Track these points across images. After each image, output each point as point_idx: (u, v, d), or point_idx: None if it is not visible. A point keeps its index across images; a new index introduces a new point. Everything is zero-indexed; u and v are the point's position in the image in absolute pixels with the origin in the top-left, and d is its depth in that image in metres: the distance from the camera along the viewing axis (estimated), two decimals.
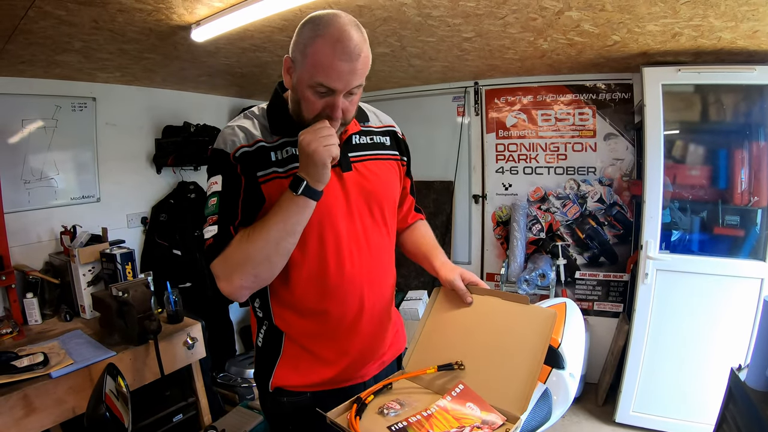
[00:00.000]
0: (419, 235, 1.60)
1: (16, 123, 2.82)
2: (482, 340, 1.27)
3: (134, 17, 2.05)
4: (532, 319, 1.22)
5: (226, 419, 2.75)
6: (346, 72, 1.13)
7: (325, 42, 1.11)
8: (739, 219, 3.00)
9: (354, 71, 1.14)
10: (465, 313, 1.34)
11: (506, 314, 1.27)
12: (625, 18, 2.25)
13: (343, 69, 1.12)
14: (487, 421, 1.11)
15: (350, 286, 1.32)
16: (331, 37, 1.11)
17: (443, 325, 1.37)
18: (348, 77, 1.14)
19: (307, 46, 1.14)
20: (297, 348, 1.35)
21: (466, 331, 1.30)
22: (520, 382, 1.15)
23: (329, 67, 1.11)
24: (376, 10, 2.15)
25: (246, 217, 1.21)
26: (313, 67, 1.13)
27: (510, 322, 1.25)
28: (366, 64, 1.17)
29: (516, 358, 1.19)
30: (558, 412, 1.56)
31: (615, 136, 3.57)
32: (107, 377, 1.35)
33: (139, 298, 2.26)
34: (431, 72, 3.59)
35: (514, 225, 3.76)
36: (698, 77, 2.86)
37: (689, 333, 2.94)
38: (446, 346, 1.31)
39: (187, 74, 3.24)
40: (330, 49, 1.11)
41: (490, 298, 1.32)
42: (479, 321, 1.30)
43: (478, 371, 1.23)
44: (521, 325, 1.22)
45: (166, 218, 3.53)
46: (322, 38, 1.11)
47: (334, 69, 1.11)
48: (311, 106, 1.19)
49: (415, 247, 1.56)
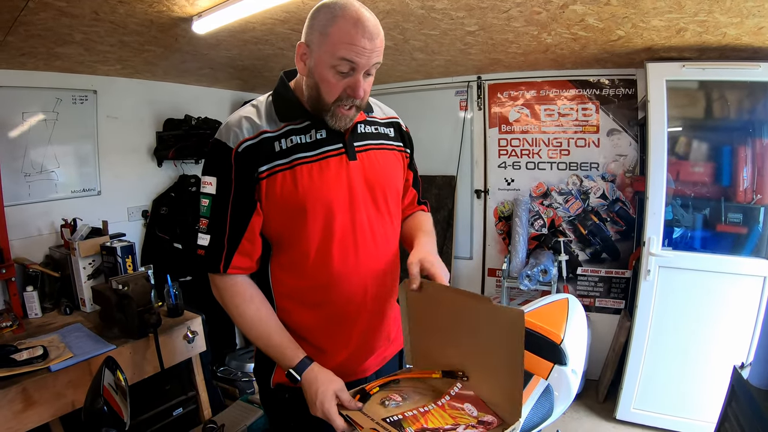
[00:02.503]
0: (415, 222, 1.57)
1: (16, 116, 2.81)
2: (468, 343, 1.23)
3: (135, 9, 2.03)
4: (503, 322, 1.11)
5: (226, 413, 2.75)
6: (369, 49, 1.15)
7: (346, 21, 1.13)
8: (741, 216, 2.99)
9: (375, 49, 1.17)
10: (439, 311, 1.27)
11: (478, 316, 1.18)
12: (629, 12, 2.23)
13: (366, 45, 1.14)
14: (483, 422, 1.11)
15: (354, 277, 1.31)
16: (351, 17, 1.14)
17: (425, 323, 1.32)
18: (370, 54, 1.16)
19: (326, 27, 1.15)
20: (299, 342, 1.33)
21: (450, 333, 1.26)
22: (507, 390, 1.13)
23: (352, 43, 1.13)
24: (379, 2, 2.14)
25: (234, 228, 1.25)
26: (334, 45, 1.15)
27: (484, 324, 1.17)
28: (382, 47, 1.21)
29: (499, 365, 1.15)
30: (560, 409, 1.55)
31: (618, 132, 3.55)
32: (105, 370, 1.34)
33: (139, 292, 2.25)
34: (434, 66, 3.57)
35: (516, 220, 3.74)
36: (703, 73, 2.84)
37: (691, 330, 2.93)
38: (438, 347, 1.30)
39: (188, 67, 3.22)
40: (352, 27, 1.13)
41: (457, 296, 1.22)
42: (456, 322, 1.24)
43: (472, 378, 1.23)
44: (495, 329, 1.14)
45: (166, 211, 3.52)
46: (343, 18, 1.14)
47: (358, 44, 1.14)
48: (332, 88, 1.20)
49: (408, 233, 1.53)
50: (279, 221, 1.26)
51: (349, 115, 1.26)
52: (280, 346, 1.26)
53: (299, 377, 1.22)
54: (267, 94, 1.37)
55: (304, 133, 1.28)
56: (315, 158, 1.26)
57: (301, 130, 1.28)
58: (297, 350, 1.25)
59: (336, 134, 1.30)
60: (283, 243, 1.30)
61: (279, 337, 1.27)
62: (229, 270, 1.25)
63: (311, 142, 1.27)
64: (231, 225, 1.24)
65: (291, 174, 1.23)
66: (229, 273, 1.26)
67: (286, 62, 1.18)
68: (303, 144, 1.26)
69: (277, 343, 1.27)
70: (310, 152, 1.26)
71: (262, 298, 1.31)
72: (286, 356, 1.25)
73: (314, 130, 1.29)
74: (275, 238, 1.30)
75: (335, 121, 1.25)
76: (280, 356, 1.26)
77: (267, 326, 1.28)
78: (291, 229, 1.26)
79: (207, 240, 1.26)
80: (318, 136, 1.29)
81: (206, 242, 1.26)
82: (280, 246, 1.31)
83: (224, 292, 1.28)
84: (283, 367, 1.26)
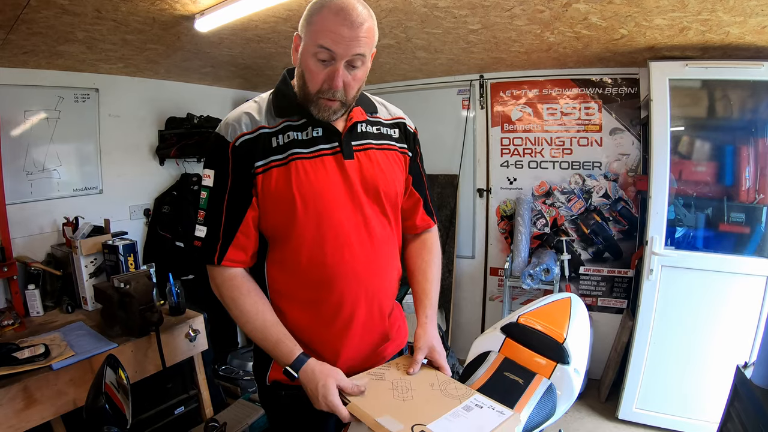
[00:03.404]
0: (422, 258, 1.56)
1: (18, 114, 2.81)
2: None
3: (137, 7, 2.04)
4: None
5: (227, 412, 2.75)
6: (347, 38, 1.15)
7: (330, 10, 1.15)
8: (744, 216, 2.98)
9: (355, 38, 1.16)
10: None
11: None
12: (633, 11, 2.22)
13: (344, 33, 1.15)
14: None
15: (349, 276, 1.30)
16: (336, 6, 1.15)
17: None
18: (349, 43, 1.16)
19: (313, 15, 1.18)
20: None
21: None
22: None
23: (331, 31, 1.15)
24: (382, 1, 2.14)
25: (230, 221, 1.26)
26: (315, 33, 1.17)
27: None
28: (369, 36, 1.20)
29: None
30: (562, 408, 1.54)
31: (621, 131, 3.54)
32: (107, 368, 1.34)
33: (141, 290, 2.24)
34: (436, 64, 3.56)
35: (518, 219, 3.74)
36: (706, 72, 2.83)
37: (693, 330, 2.92)
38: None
39: (190, 65, 3.23)
40: (333, 15, 1.14)
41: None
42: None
43: None
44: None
45: (168, 210, 3.52)
46: (327, 8, 1.16)
47: (336, 32, 1.15)
48: (314, 76, 1.21)
49: (412, 276, 1.55)
50: (273, 216, 1.27)
51: (332, 107, 1.26)
52: (276, 340, 1.26)
53: (296, 375, 1.22)
54: (270, 90, 1.37)
55: (301, 130, 1.29)
56: (310, 155, 1.27)
57: (298, 127, 1.29)
58: (294, 346, 1.25)
59: (332, 133, 1.31)
60: (277, 239, 1.31)
61: (275, 332, 1.27)
62: (224, 262, 1.27)
63: (307, 139, 1.28)
64: (227, 218, 1.26)
65: (286, 169, 1.24)
66: (224, 265, 1.28)
67: (288, 60, 1.19)
68: (300, 140, 1.27)
69: (273, 338, 1.27)
70: (306, 149, 1.27)
71: (260, 292, 1.32)
72: (282, 352, 1.25)
73: (311, 128, 1.29)
74: (270, 233, 1.31)
75: (318, 112, 1.26)
76: (277, 351, 1.26)
77: (263, 320, 1.28)
78: (284, 224, 1.27)
79: (204, 232, 1.29)
80: (314, 133, 1.29)
81: (203, 234, 1.29)
82: (275, 242, 1.32)
83: (221, 285, 1.30)
84: (280, 364, 1.26)
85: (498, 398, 1.26)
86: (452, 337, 4.14)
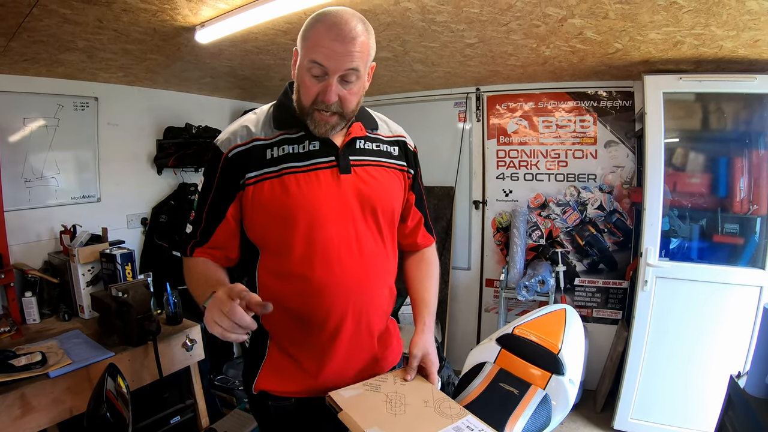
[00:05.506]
0: (418, 273, 1.57)
1: (17, 121, 2.82)
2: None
3: (139, 17, 2.05)
4: None
5: (223, 422, 2.75)
6: (340, 53, 1.15)
7: (323, 25, 1.16)
8: (738, 227, 3.01)
9: (348, 53, 1.16)
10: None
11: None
12: (627, 26, 2.25)
13: (336, 48, 1.15)
14: None
15: (338, 290, 1.29)
16: (329, 21, 1.16)
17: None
18: (340, 58, 1.16)
19: (307, 31, 1.20)
20: (280, 352, 1.34)
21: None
22: None
23: (323, 46, 1.15)
24: (381, 15, 2.16)
25: (208, 224, 1.33)
26: (309, 49, 1.18)
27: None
28: (363, 51, 1.19)
29: None
30: (557, 418, 1.55)
31: (616, 144, 3.58)
32: (108, 377, 1.34)
33: (139, 299, 2.25)
34: (433, 77, 3.59)
35: (514, 231, 3.76)
36: (699, 85, 2.87)
37: (688, 340, 2.94)
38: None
39: (189, 75, 3.25)
40: (326, 30, 1.15)
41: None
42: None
43: None
44: None
45: (166, 219, 3.53)
46: (321, 23, 1.17)
47: (328, 47, 1.15)
48: (308, 90, 1.22)
49: (411, 286, 1.56)
50: (264, 227, 1.28)
51: (329, 122, 1.26)
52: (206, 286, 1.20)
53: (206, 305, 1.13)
54: (272, 102, 1.39)
55: (298, 143, 1.29)
56: (304, 169, 1.27)
57: (295, 140, 1.29)
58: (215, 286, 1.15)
59: (329, 147, 1.31)
60: (267, 248, 1.32)
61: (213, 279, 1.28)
62: (195, 254, 1.35)
63: (303, 152, 1.29)
64: (206, 220, 1.33)
65: (279, 182, 1.25)
66: (195, 256, 1.35)
67: (287, 72, 1.21)
68: (294, 154, 1.28)
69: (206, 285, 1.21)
70: (301, 162, 1.27)
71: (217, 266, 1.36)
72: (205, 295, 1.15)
73: (307, 141, 1.30)
74: (260, 242, 1.32)
75: (314, 127, 1.26)
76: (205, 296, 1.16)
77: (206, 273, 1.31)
78: (274, 235, 1.28)
79: (189, 229, 1.38)
80: (311, 147, 1.29)
81: (189, 230, 1.37)
82: (265, 251, 1.33)
83: (187, 268, 1.37)
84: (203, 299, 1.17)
85: (494, 409, 1.28)
86: (448, 348, 4.13)
